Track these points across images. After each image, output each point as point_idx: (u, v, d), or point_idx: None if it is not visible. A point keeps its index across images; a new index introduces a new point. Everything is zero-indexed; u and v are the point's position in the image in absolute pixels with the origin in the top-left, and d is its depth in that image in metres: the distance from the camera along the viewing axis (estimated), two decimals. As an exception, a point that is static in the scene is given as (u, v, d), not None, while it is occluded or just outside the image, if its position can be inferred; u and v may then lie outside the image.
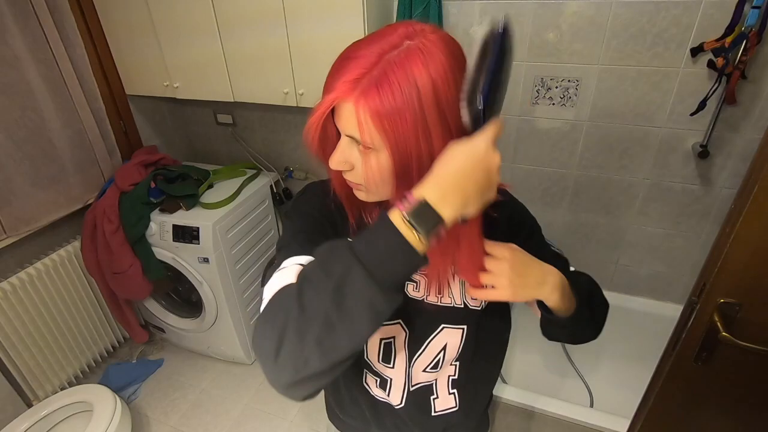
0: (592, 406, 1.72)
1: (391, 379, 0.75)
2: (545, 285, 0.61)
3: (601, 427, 1.40)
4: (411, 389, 0.75)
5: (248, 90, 1.71)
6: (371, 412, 0.79)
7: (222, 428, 1.87)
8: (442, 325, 0.70)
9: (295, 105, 1.65)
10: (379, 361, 0.73)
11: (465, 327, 0.71)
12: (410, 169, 0.51)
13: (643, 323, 1.83)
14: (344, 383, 0.80)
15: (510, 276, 0.58)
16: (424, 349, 0.72)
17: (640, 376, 1.29)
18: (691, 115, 1.45)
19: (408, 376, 0.74)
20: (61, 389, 1.87)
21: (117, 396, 1.66)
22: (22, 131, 1.64)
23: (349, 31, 1.42)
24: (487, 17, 1.43)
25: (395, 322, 0.70)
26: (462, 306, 0.69)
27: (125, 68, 1.92)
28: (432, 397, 0.76)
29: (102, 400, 1.62)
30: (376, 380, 0.75)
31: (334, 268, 0.43)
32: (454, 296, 0.69)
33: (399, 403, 0.76)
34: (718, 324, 0.85)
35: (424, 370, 0.73)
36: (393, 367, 0.73)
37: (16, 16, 1.54)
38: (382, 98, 0.47)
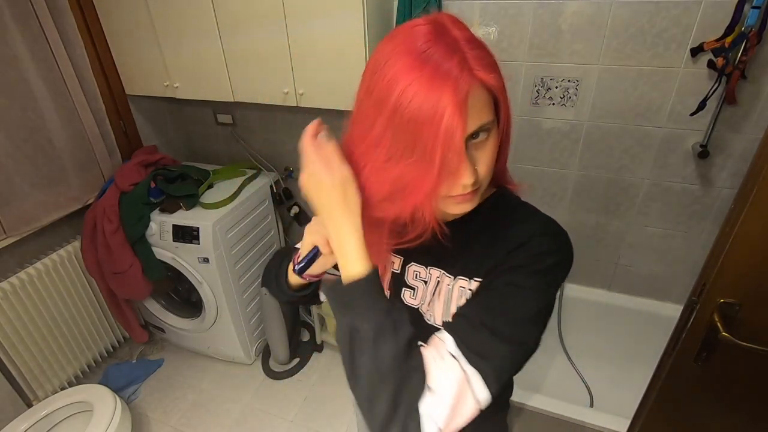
0: (592, 406, 1.72)
1: None
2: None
3: (601, 427, 1.39)
4: None
5: (248, 90, 1.71)
6: None
7: (222, 428, 1.87)
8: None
9: (295, 105, 1.65)
10: None
11: None
12: (504, 147, 0.56)
13: (643, 323, 1.83)
14: None
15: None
16: None
17: (640, 376, 1.29)
18: (691, 115, 1.45)
19: None
20: (61, 389, 1.87)
21: (117, 396, 1.65)
22: (22, 131, 1.64)
23: (349, 31, 1.42)
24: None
25: None
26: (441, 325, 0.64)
27: (125, 68, 1.92)
28: None
29: (102, 400, 1.62)
30: None
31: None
32: (435, 315, 0.65)
33: None
34: (718, 324, 0.85)
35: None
36: None
37: (16, 16, 1.54)
38: (496, 73, 0.49)
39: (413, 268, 0.68)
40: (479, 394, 0.51)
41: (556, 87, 1.58)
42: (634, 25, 1.40)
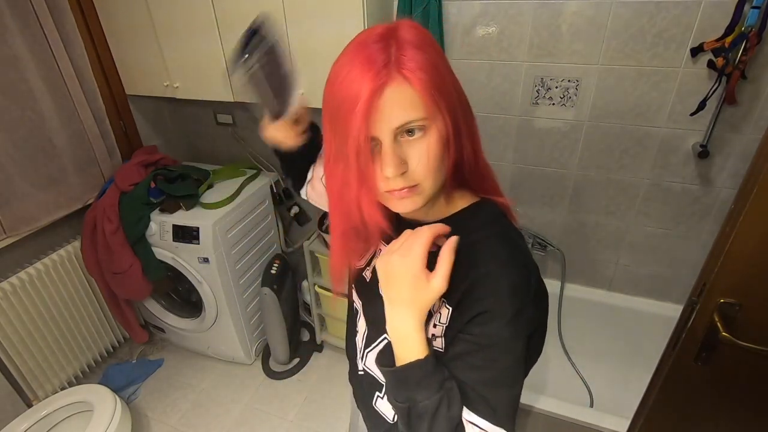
0: (592, 406, 1.72)
1: (356, 341, 0.76)
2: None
3: (601, 427, 1.39)
4: (365, 365, 0.74)
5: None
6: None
7: (222, 428, 1.87)
8: (384, 336, 0.68)
9: (295, 105, 1.65)
10: (356, 326, 0.77)
11: None
12: (458, 142, 0.54)
13: (643, 323, 1.82)
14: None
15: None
16: (372, 349, 0.71)
17: (640, 376, 1.29)
18: (691, 115, 1.45)
19: (363, 354, 0.74)
20: (61, 389, 1.87)
21: (117, 396, 1.66)
22: (22, 131, 1.64)
23: (349, 32, 1.41)
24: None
25: (360, 306, 0.73)
26: None
27: (125, 68, 1.92)
28: (377, 394, 0.74)
29: (102, 400, 1.62)
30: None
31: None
32: None
33: (360, 370, 0.76)
34: (718, 324, 0.85)
35: (375, 364, 0.71)
36: (358, 331, 0.76)
37: (16, 16, 1.54)
38: (428, 69, 0.48)
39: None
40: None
41: (556, 87, 1.58)
42: (634, 25, 1.40)
